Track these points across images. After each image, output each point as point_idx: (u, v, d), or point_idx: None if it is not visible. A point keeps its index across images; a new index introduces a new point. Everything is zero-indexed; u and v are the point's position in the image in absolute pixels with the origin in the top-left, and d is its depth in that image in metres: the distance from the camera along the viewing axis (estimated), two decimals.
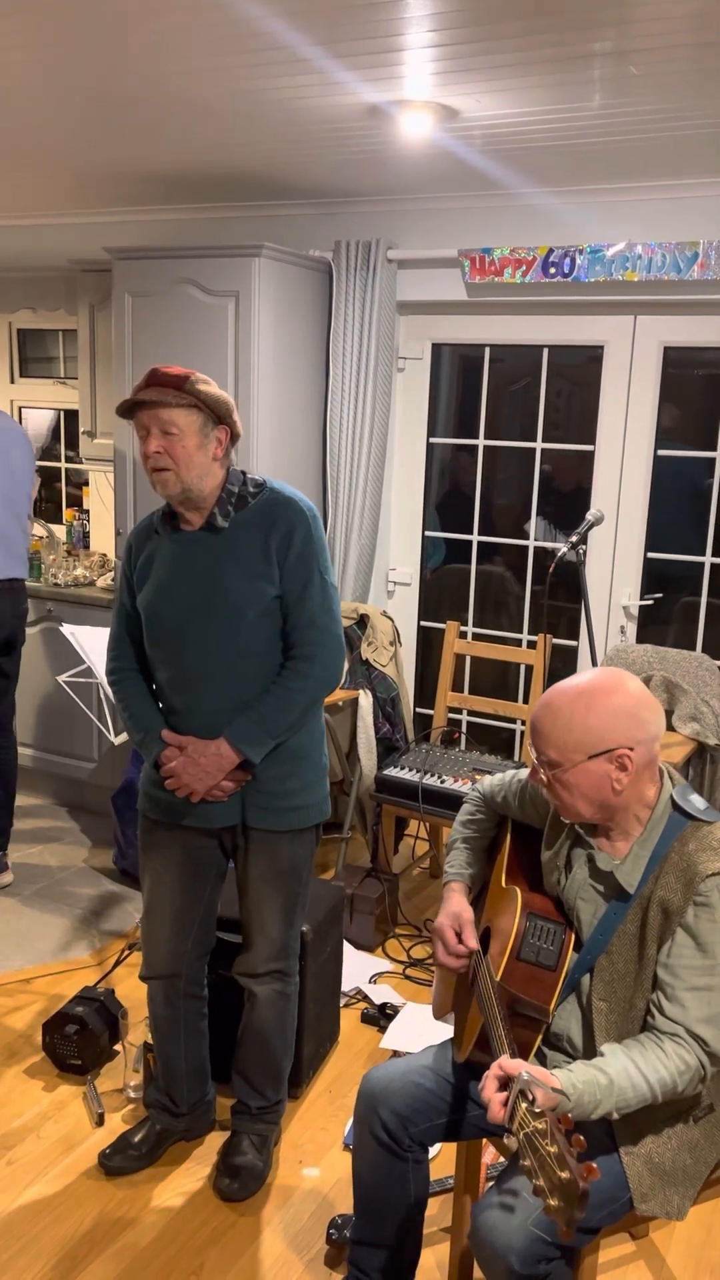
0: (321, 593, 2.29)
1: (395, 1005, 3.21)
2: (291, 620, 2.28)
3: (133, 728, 2.38)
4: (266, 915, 2.42)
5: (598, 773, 1.73)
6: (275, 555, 2.25)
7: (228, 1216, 2.43)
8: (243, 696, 2.28)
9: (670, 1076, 1.65)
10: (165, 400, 2.18)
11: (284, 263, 4.00)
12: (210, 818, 2.35)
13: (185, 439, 2.20)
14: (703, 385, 3.96)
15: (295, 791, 2.36)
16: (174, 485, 2.23)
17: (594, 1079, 1.62)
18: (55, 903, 3.81)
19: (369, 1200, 1.97)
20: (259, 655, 2.28)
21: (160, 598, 2.30)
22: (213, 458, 2.24)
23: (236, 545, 2.26)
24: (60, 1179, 2.51)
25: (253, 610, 2.24)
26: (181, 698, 2.32)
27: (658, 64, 2.58)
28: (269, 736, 2.27)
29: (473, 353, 4.34)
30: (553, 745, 1.75)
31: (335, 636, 2.32)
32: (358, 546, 4.32)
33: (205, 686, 2.28)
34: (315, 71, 2.74)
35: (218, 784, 2.28)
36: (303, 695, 2.28)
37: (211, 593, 2.26)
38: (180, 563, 2.30)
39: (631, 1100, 1.64)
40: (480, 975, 1.87)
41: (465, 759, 3.76)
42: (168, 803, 2.36)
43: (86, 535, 5.14)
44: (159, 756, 2.31)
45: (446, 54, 2.58)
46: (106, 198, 4.48)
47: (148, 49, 2.63)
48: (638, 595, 4.10)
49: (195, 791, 2.27)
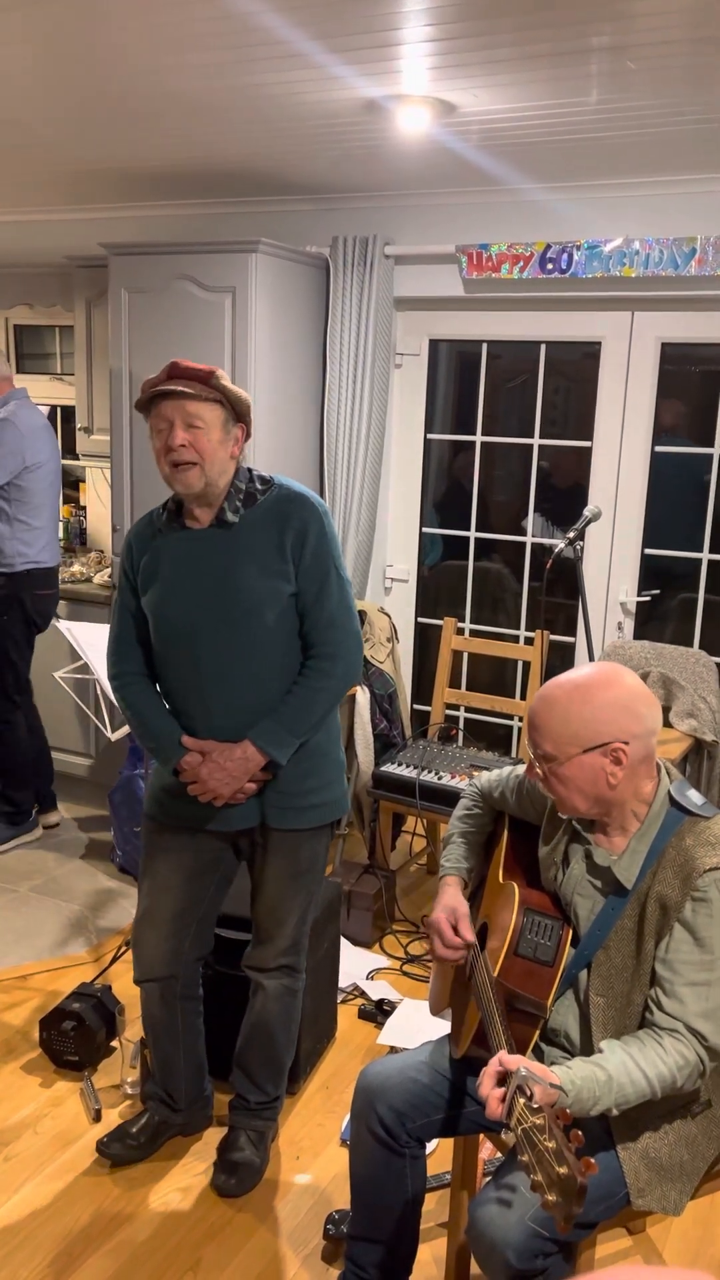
0: (339, 590, 2.26)
1: (392, 1001, 3.21)
2: (310, 619, 2.24)
3: (145, 735, 2.31)
4: (286, 913, 2.40)
5: (592, 766, 1.72)
6: (291, 553, 2.21)
7: (225, 1212, 2.43)
8: (259, 698, 2.23)
9: (669, 1072, 1.65)
10: (194, 392, 2.14)
11: (281, 259, 3.99)
12: (229, 820, 2.31)
13: (210, 433, 2.16)
14: (700, 381, 3.96)
15: (315, 790, 2.33)
16: (198, 480, 2.18)
17: (593, 1075, 1.62)
18: (52, 899, 3.81)
19: (366, 1196, 1.97)
20: (277, 656, 2.23)
21: (169, 598, 2.25)
22: (230, 455, 2.21)
23: (250, 542, 2.21)
24: (57, 1175, 2.51)
25: (270, 611, 2.19)
26: (194, 701, 2.27)
27: (655, 59, 2.58)
28: (294, 737, 2.24)
29: (470, 349, 4.33)
30: (548, 738, 1.74)
31: (355, 634, 2.28)
32: (355, 543, 4.32)
33: (220, 689, 2.23)
34: (312, 66, 2.73)
35: (241, 787, 2.25)
36: (326, 695, 2.25)
37: (225, 592, 2.20)
38: (190, 562, 2.24)
39: (631, 1096, 1.64)
40: (478, 971, 1.87)
41: (463, 755, 3.76)
42: (184, 808, 2.31)
43: (84, 532, 5.14)
44: (179, 764, 2.26)
45: (443, 48, 2.58)
46: (103, 194, 4.47)
47: (144, 44, 2.63)
48: (635, 591, 4.10)
49: (220, 796, 2.23)
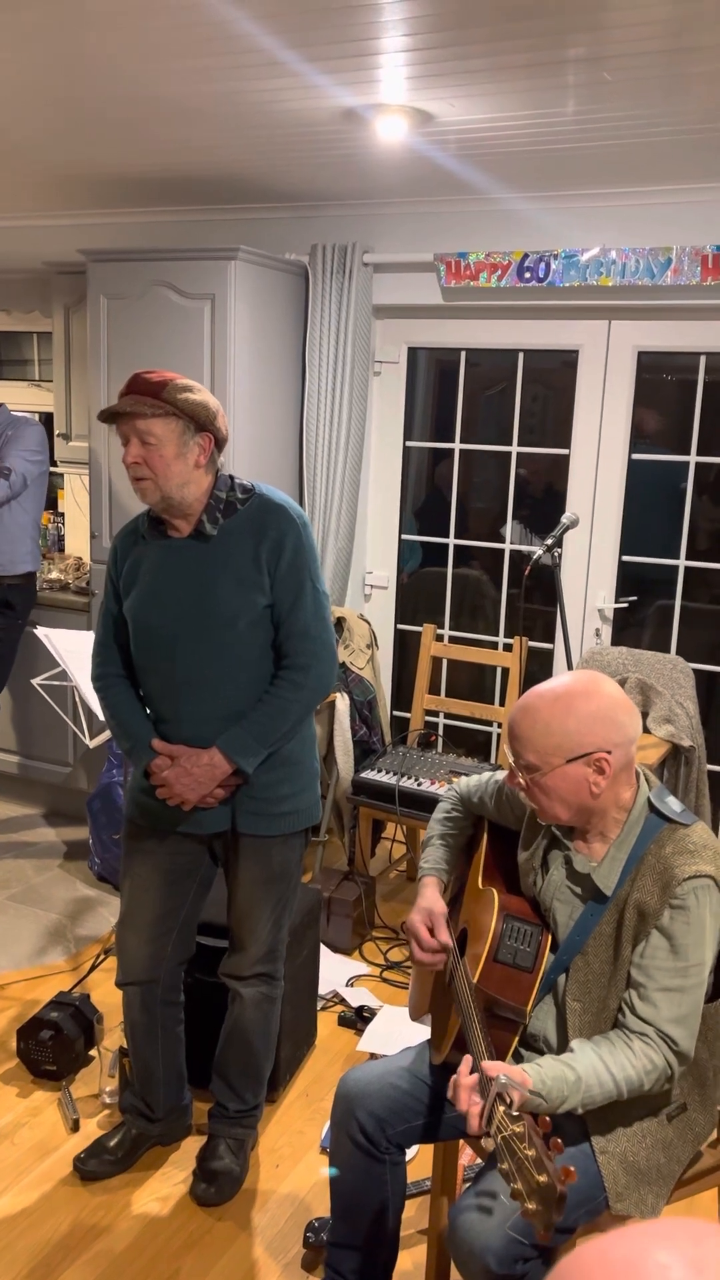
0: (314, 601, 2.26)
1: (372, 1008, 3.21)
2: (284, 630, 2.25)
3: (121, 735, 2.34)
4: (257, 919, 2.40)
5: (576, 776, 1.73)
6: (266, 564, 2.22)
7: (204, 1221, 2.42)
8: (233, 706, 2.25)
9: (637, 1075, 1.67)
10: (140, 410, 2.15)
11: (260, 266, 3.99)
12: (201, 824, 2.33)
13: (163, 448, 2.17)
14: (675, 389, 3.99)
15: (287, 797, 2.34)
16: (153, 494, 2.20)
17: (562, 1075, 1.63)
18: (30, 907, 3.78)
19: (346, 1203, 1.97)
20: (250, 665, 2.25)
21: (149, 606, 2.27)
22: (194, 465, 2.21)
23: (227, 554, 2.23)
24: (35, 1186, 2.50)
25: (244, 620, 2.21)
26: (170, 706, 2.29)
27: (631, 70, 2.60)
28: (262, 746, 2.25)
29: (449, 356, 4.35)
30: (531, 749, 1.75)
31: (328, 646, 2.29)
32: (335, 549, 4.32)
33: (195, 695, 2.26)
34: (291, 74, 2.74)
35: (210, 792, 2.26)
36: (297, 705, 2.26)
37: (202, 602, 2.22)
38: (169, 570, 2.26)
39: (597, 1097, 1.66)
40: (457, 977, 1.87)
41: (442, 761, 3.76)
42: (157, 810, 2.33)
43: (62, 539, 5.11)
44: (149, 765, 2.29)
45: (421, 58, 2.59)
46: (82, 199, 4.46)
47: (123, 50, 2.63)
48: (613, 598, 4.12)
49: (187, 800, 2.25)
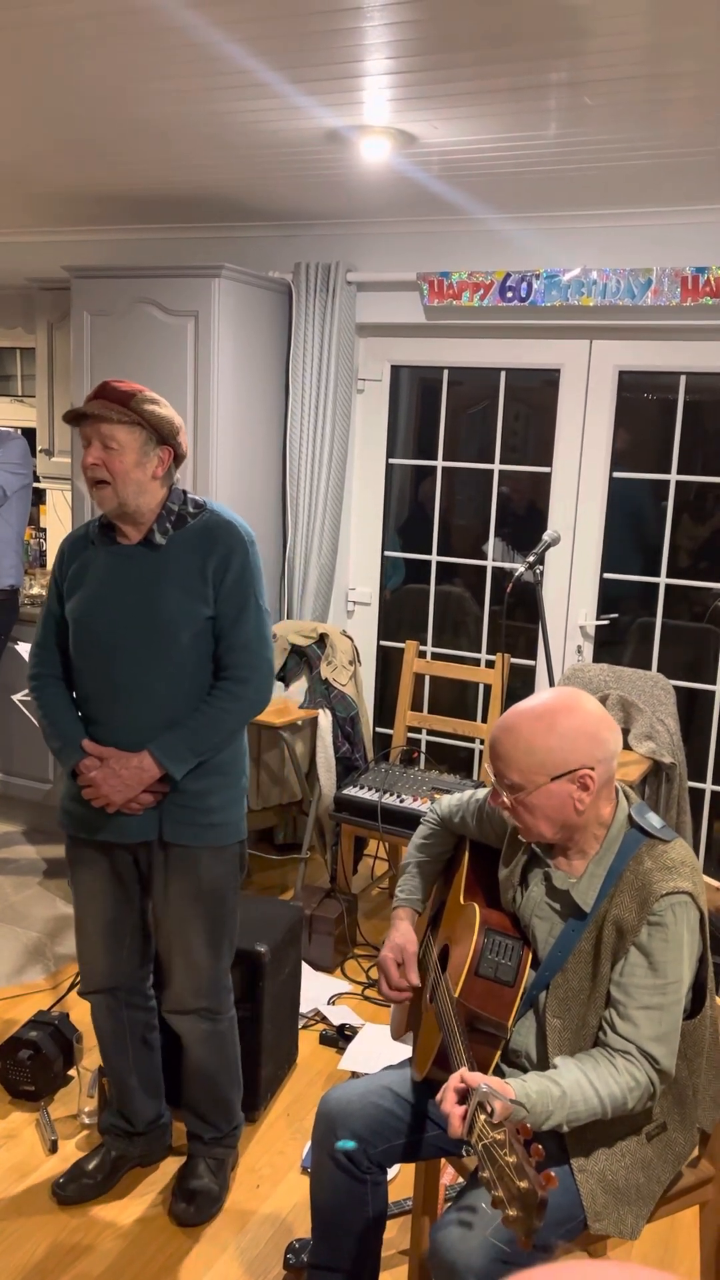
0: (257, 618, 2.31)
1: (354, 1026, 3.20)
2: (225, 642, 2.29)
3: (52, 735, 2.36)
4: (190, 940, 2.37)
5: (560, 794, 1.73)
6: (212, 577, 2.26)
7: (184, 1242, 2.39)
8: (168, 713, 2.27)
9: (621, 1092, 1.66)
10: (108, 415, 2.19)
11: (244, 283, 4.01)
12: (126, 832, 2.32)
13: (124, 455, 2.21)
14: (656, 408, 4.02)
15: (215, 809, 2.34)
16: (110, 500, 2.24)
17: (548, 1090, 1.62)
18: (9, 925, 3.75)
19: (327, 1223, 1.95)
20: (188, 674, 2.28)
21: (92, 609, 2.29)
22: (152, 475, 2.25)
23: (174, 564, 2.27)
24: (12, 1208, 2.47)
25: (186, 631, 2.25)
26: (105, 710, 2.31)
27: (611, 95, 2.64)
28: (194, 755, 2.27)
29: (431, 375, 4.37)
30: (514, 768, 1.74)
31: (268, 661, 2.34)
32: (317, 566, 4.33)
33: (131, 701, 2.27)
34: (275, 96, 2.76)
35: (136, 796, 2.27)
36: (232, 717, 2.29)
37: (146, 609, 2.25)
38: (115, 576, 2.29)
39: (582, 1114, 1.65)
40: (439, 992, 1.87)
41: (424, 778, 3.76)
42: (83, 817, 2.34)
43: (44, 553, 5.10)
44: (78, 765, 2.29)
45: (404, 80, 2.62)
46: (66, 216, 4.47)
47: (109, 70, 2.64)
48: (594, 615, 4.14)
49: (113, 803, 2.26)
